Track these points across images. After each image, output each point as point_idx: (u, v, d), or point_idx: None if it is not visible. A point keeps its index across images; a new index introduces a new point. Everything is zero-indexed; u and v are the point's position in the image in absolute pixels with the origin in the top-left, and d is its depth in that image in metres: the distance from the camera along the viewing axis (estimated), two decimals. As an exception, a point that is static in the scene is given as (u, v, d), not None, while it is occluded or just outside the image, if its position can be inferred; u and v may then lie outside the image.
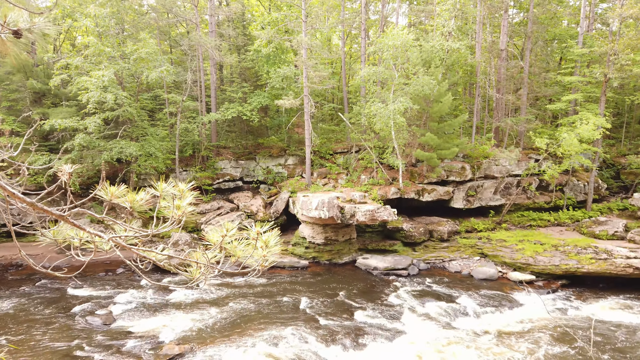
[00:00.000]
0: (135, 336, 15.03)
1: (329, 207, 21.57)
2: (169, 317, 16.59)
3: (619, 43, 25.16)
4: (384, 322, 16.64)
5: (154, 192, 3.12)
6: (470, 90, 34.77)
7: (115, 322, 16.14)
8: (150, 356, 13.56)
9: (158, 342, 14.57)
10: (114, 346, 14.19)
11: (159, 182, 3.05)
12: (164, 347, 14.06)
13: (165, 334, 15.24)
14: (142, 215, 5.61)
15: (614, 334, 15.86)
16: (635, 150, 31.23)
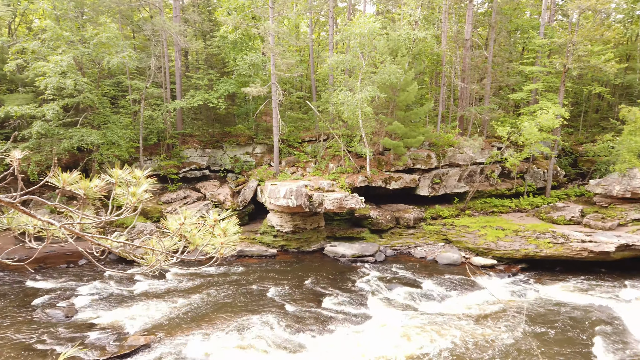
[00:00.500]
0: (99, 328, 14.75)
1: (297, 195, 21.60)
2: (135, 308, 16.35)
3: (578, 34, 26.00)
4: (352, 307, 16.90)
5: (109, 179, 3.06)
6: (436, 80, 35.29)
7: (78, 314, 15.78)
8: (115, 347, 13.35)
9: (123, 334, 14.35)
10: (77, 338, 13.90)
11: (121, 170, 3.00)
12: (129, 338, 13.87)
13: (130, 325, 15.02)
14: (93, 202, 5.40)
15: (569, 314, 16.61)
16: (592, 138, 32.50)
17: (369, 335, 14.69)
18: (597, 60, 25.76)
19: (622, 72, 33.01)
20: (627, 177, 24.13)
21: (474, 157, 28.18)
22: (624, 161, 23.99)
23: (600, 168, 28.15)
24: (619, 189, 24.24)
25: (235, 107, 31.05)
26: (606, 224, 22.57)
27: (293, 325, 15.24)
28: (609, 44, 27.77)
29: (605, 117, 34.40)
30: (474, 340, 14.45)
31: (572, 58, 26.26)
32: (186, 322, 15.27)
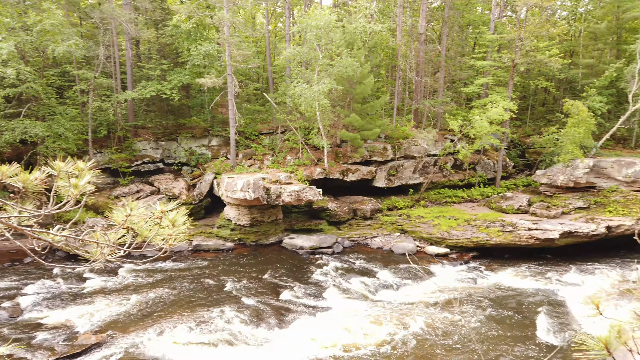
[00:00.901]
0: (46, 328, 14.15)
1: (255, 188, 21.44)
2: (86, 306, 15.78)
3: (525, 30, 27.03)
4: (310, 299, 17.01)
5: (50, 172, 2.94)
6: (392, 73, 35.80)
7: (24, 315, 15.07)
8: (65, 347, 12.86)
9: (73, 333, 13.84)
10: (23, 339, 13.28)
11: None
12: (79, 337, 13.39)
13: (81, 324, 14.50)
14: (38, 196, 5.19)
15: (516, 298, 17.42)
16: (538, 131, 33.97)
17: (327, 326, 14.84)
18: (543, 56, 26.91)
19: (566, 68, 34.63)
20: (570, 167, 25.43)
21: (428, 149, 28.88)
22: (567, 152, 25.26)
23: (546, 159, 29.49)
24: (562, 179, 25.52)
25: (190, 98, 30.36)
26: (551, 213, 23.74)
27: (252, 319, 15.18)
28: (554, 40, 29.07)
29: (551, 110, 36.03)
30: (429, 326, 14.90)
31: (520, 53, 27.30)
32: (141, 319, 14.90)
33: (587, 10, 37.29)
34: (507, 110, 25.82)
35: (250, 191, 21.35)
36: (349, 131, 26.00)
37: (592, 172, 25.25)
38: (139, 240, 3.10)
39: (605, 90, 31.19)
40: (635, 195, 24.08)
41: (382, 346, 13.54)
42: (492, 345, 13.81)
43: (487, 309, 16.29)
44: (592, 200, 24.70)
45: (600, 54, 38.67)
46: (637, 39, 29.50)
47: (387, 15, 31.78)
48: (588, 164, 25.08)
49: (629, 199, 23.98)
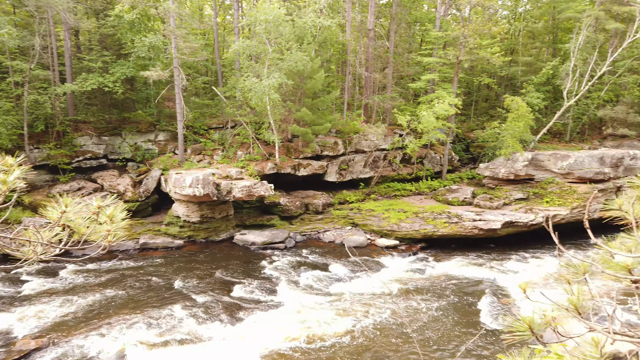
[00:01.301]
0: (-20, 336, 13.28)
1: (204, 184, 21.03)
2: (24, 310, 14.94)
3: (469, 28, 28.01)
4: (263, 294, 16.94)
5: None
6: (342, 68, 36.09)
7: (-46, 323, 14.07)
8: (1, 354, 12.13)
9: (10, 338, 13.07)
10: (-47, 349, 12.41)
11: None
12: (17, 342, 12.67)
13: (19, 328, 13.72)
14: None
15: (462, 287, 18.13)
16: (481, 125, 35.37)
17: (280, 321, 14.85)
18: (485, 53, 28.00)
19: (507, 65, 36.25)
20: (511, 160, 26.69)
21: (378, 144, 29.39)
22: (508, 146, 26.47)
23: (489, 153, 30.79)
24: (504, 172, 26.74)
25: (135, 92, 29.26)
26: (493, 204, 24.84)
27: (203, 316, 14.95)
28: (495, 38, 30.31)
29: (493, 106, 37.62)
30: (379, 315, 15.23)
31: (464, 50, 28.27)
32: (86, 322, 14.29)
33: (526, 10, 39.14)
34: (452, 106, 26.69)
35: (199, 187, 20.92)
36: (300, 126, 26.00)
37: (531, 164, 26.61)
38: (76, 238, 2.98)
39: (543, 87, 32.90)
40: (569, 187, 25.61)
41: (335, 338, 13.71)
42: (439, 332, 14.31)
43: (434, 298, 16.85)
44: (530, 192, 26.04)
45: (538, 52, 40.73)
46: (571, 39, 31.30)
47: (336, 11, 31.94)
48: (527, 157, 26.41)
49: (564, 190, 25.48)
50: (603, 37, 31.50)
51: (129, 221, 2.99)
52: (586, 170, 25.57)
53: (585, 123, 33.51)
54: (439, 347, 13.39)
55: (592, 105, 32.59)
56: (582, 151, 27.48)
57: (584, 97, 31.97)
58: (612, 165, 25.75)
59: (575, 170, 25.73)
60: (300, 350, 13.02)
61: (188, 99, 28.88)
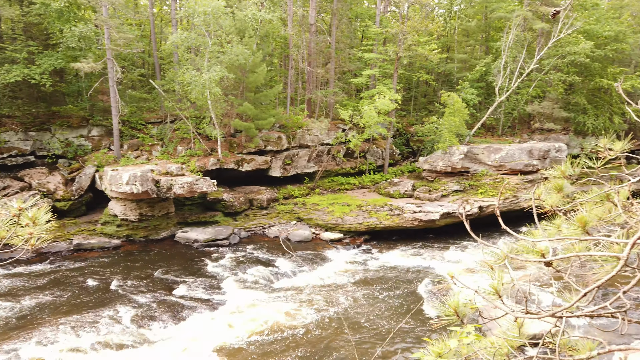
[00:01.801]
0: None
1: (142, 181, 20.24)
2: (-59, 322, 13.74)
3: (407, 25, 28.75)
4: (205, 293, 16.61)
5: None
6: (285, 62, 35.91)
7: None
8: None
9: None
10: None
11: None
12: None
13: None
14: None
15: (404, 276, 18.69)
16: (420, 120, 36.47)
17: (225, 318, 14.63)
18: (423, 50, 28.87)
19: (444, 62, 37.58)
20: (448, 154, 27.76)
21: (322, 139, 29.56)
22: (445, 140, 27.51)
23: (427, 146, 31.85)
24: (442, 165, 27.78)
25: (65, 84, 27.53)
26: (432, 196, 25.75)
27: (143, 318, 14.43)
28: (432, 35, 31.30)
29: (432, 101, 38.91)
30: (325, 308, 15.38)
31: (403, 47, 28.99)
32: (12, 329, 13.36)
33: (461, 9, 40.74)
34: (392, 101, 27.32)
35: (137, 184, 20.12)
36: (243, 120, 25.62)
37: (466, 158, 27.82)
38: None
39: (477, 83, 34.43)
40: (502, 178, 27.05)
41: (282, 333, 13.70)
42: (384, 320, 14.67)
43: (378, 288, 17.25)
44: (466, 184, 27.24)
45: (472, 50, 42.55)
46: (502, 37, 32.95)
47: (277, 4, 31.70)
48: (463, 151, 27.58)
49: (497, 181, 26.88)
50: (531, 36, 33.40)
51: (60, 221, 2.79)
52: (516, 162, 27.09)
53: (515, 118, 35.45)
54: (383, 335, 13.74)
55: (521, 101, 34.52)
56: (513, 144, 29.08)
57: (514, 93, 33.78)
58: (539, 158, 27.45)
59: (506, 163, 27.19)
60: (248, 347, 12.90)
61: (123, 92, 27.59)
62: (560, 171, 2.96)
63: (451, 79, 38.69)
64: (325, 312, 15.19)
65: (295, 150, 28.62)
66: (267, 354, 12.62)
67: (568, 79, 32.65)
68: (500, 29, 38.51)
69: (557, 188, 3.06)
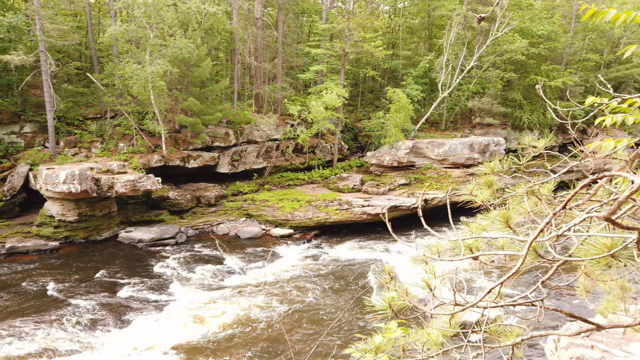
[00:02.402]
0: None
1: (81, 179, 19.29)
2: None
3: (353, 21, 29.05)
4: (152, 294, 16.12)
5: None
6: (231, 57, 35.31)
7: None
8: None
9: None
10: None
11: None
12: None
13: None
14: None
15: (353, 269, 18.98)
16: (368, 116, 37.03)
17: (173, 318, 14.27)
18: (369, 46, 29.30)
19: (389, 58, 38.30)
20: (395, 148, 28.40)
21: (270, 134, 29.36)
22: (391, 135, 28.10)
23: (375, 142, 32.39)
24: (388, 159, 28.38)
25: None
26: (380, 190, 26.27)
27: (86, 322, 13.82)
28: (378, 32, 31.82)
29: (378, 97, 39.54)
30: (276, 303, 15.34)
31: (349, 43, 29.28)
32: (-64, 343, 12.38)
33: (405, 7, 41.63)
34: (340, 97, 27.56)
35: (75, 183, 19.15)
36: (189, 116, 24.96)
37: (412, 152, 28.58)
38: None
39: (421, 79, 35.38)
40: (445, 171, 28.01)
41: (231, 329, 13.53)
42: (333, 313, 14.84)
43: (328, 282, 17.42)
44: (412, 177, 28.01)
45: (416, 47, 43.63)
46: (444, 35, 34.03)
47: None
48: (408, 146, 28.31)
49: (441, 174, 27.81)
50: (471, 35, 34.72)
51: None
52: (459, 156, 28.15)
53: (457, 113, 36.76)
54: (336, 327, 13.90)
55: (462, 97, 35.83)
56: (455, 139, 30.19)
57: (456, 89, 35.01)
58: (480, 151, 28.66)
59: (449, 157, 28.18)
60: (198, 345, 12.65)
61: (59, 86, 26.10)
62: (490, 168, 3.11)
63: (396, 75, 39.50)
64: (278, 307, 15.16)
65: (243, 146, 28.25)
66: (223, 350, 12.44)
67: (505, 75, 34.24)
68: (442, 27, 39.73)
69: (487, 184, 3.21)
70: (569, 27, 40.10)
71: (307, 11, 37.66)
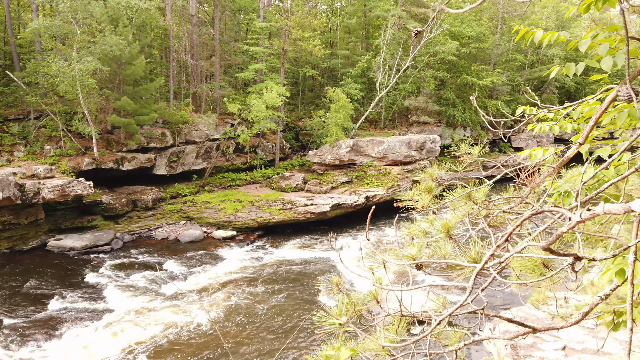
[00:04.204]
0: None
1: (3, 185, 17.87)
2: None
3: (291, 20, 29.00)
4: (85, 304, 15.25)
5: None
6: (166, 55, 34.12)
7: None
8: None
9: None
10: None
11: None
12: None
13: None
14: None
15: (299, 268, 18.97)
16: (308, 114, 37.18)
17: (110, 329, 13.56)
18: (308, 45, 29.37)
19: (328, 57, 38.64)
20: (336, 147, 28.68)
21: (210, 134, 28.67)
22: (332, 134, 28.36)
23: (316, 140, 32.56)
24: (330, 158, 28.62)
25: None
26: (322, 188, 26.44)
27: (12, 339, 12.80)
28: (316, 31, 31.98)
29: (318, 95, 39.79)
30: (219, 308, 15.00)
31: (288, 41, 29.20)
32: None
33: (342, 6, 42.15)
34: (280, 96, 27.42)
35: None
36: (122, 116, 23.81)
37: (353, 150, 29.01)
38: None
39: (359, 78, 36.00)
40: (385, 169, 28.67)
41: (172, 337, 13.08)
42: (281, 316, 14.74)
43: (273, 283, 17.29)
44: (354, 175, 28.42)
45: (354, 47, 44.33)
46: (380, 35, 34.81)
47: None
48: (349, 144, 28.70)
49: (381, 172, 28.44)
50: (406, 35, 35.76)
51: None
52: (397, 153, 28.91)
53: (395, 111, 37.76)
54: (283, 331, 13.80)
55: (399, 96, 36.86)
56: (394, 137, 30.99)
57: (393, 88, 35.95)
58: (417, 149, 29.61)
59: (389, 154, 28.88)
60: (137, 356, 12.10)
61: (-26, 85, 24.02)
62: (429, 174, 3.19)
63: (336, 74, 39.94)
64: (221, 312, 14.83)
65: (181, 147, 27.38)
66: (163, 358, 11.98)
67: (439, 75, 35.60)
68: (378, 27, 40.63)
69: (427, 189, 3.30)
70: (496, 29, 42.40)
71: (244, 9, 37.15)
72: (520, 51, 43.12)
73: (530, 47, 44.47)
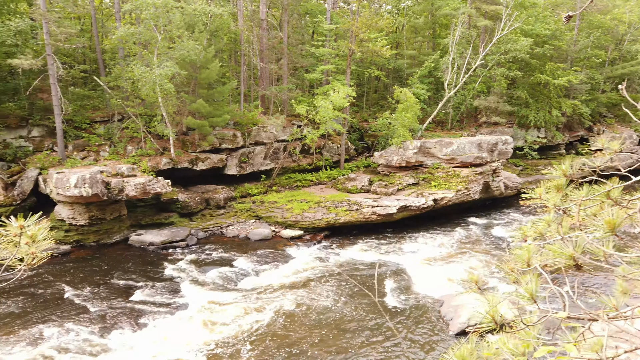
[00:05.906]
0: None
1: (92, 183, 19.23)
2: None
3: (358, 21, 28.98)
4: (165, 297, 16.05)
5: None
6: (236, 58, 35.26)
7: None
8: None
9: None
10: None
11: None
12: None
13: None
14: None
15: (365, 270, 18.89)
16: (373, 115, 36.99)
17: (186, 322, 14.20)
18: (374, 46, 29.22)
19: (394, 58, 38.23)
20: (402, 148, 28.29)
21: (277, 135, 29.29)
22: (399, 135, 27.99)
23: (382, 142, 32.31)
24: (396, 159, 28.28)
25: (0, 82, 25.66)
26: (389, 190, 26.17)
27: (100, 326, 13.76)
28: (382, 32, 31.73)
29: (383, 96, 39.49)
30: (289, 307, 15.27)
31: (355, 42, 29.21)
32: (-46, 349, 12.32)
33: (408, 6, 41.57)
34: (347, 96, 27.47)
35: (86, 187, 19.09)
36: (196, 118, 24.90)
37: (420, 152, 28.48)
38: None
39: (426, 79, 35.29)
40: (453, 171, 27.90)
41: (246, 334, 13.46)
42: (349, 317, 14.76)
43: (341, 284, 17.34)
44: (420, 177, 27.90)
45: (420, 46, 43.60)
46: (449, 34, 33.95)
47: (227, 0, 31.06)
48: (416, 145, 28.21)
49: (449, 174, 27.70)
50: (475, 33, 34.64)
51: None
52: (467, 155, 28.04)
53: (463, 112, 36.69)
54: (351, 330, 13.82)
55: (468, 96, 35.75)
56: (463, 138, 30.08)
57: (462, 88, 34.93)
58: (488, 150, 28.56)
59: (458, 156, 28.07)
60: (212, 352, 12.58)
61: (66, 89, 26.06)
62: (562, 171, 3.03)
63: (401, 75, 39.42)
64: (290, 312, 15.08)
65: (251, 148, 28.19)
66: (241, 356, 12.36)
67: (510, 74, 34.15)
68: (446, 26, 39.66)
69: (557, 187, 3.14)
70: (574, 24, 40.00)
71: (310, 12, 37.59)
72: (600, 47, 40.40)
73: (612, 42, 41.62)
